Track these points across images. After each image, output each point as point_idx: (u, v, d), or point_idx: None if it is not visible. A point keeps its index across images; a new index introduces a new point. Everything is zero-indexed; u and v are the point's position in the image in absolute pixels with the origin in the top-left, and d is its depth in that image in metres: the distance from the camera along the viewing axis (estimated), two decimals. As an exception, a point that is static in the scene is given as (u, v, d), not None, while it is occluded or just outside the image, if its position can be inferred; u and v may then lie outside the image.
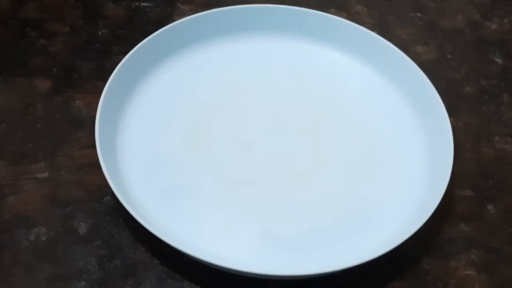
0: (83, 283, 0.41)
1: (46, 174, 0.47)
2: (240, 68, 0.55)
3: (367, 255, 0.40)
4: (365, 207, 0.45)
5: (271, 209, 0.45)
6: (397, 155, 0.49)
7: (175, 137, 0.49)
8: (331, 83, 0.54)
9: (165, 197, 0.45)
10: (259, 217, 0.44)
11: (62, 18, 0.60)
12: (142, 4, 0.62)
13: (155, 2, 0.63)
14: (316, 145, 0.49)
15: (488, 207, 0.47)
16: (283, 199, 0.45)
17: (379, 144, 0.49)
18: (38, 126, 0.51)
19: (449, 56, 0.60)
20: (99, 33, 0.59)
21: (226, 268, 0.39)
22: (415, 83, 0.52)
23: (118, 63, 0.50)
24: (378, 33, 0.55)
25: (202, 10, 0.60)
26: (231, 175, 0.47)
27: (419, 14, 0.64)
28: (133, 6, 0.62)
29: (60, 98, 0.53)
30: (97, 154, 0.43)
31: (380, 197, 0.46)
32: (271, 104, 0.52)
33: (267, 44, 0.56)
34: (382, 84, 0.54)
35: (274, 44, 0.56)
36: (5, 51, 0.57)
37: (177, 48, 0.52)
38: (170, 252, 0.41)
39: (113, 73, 0.49)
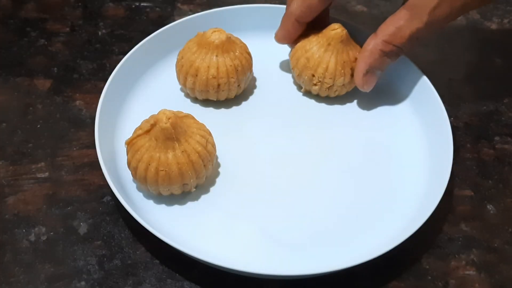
0: (83, 283, 0.41)
1: (46, 174, 0.47)
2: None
3: (367, 254, 0.40)
4: (365, 207, 0.45)
5: (271, 209, 0.45)
6: (397, 155, 0.49)
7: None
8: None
9: (165, 197, 0.45)
10: (258, 217, 0.44)
11: (62, 18, 0.60)
12: (142, 4, 0.63)
13: (155, 2, 0.63)
14: (316, 146, 0.49)
15: (488, 207, 0.47)
16: (283, 200, 0.45)
17: (379, 144, 0.49)
18: (38, 126, 0.51)
19: (449, 56, 0.60)
20: (99, 33, 0.59)
21: (226, 268, 0.39)
22: (415, 83, 0.52)
23: (118, 63, 0.50)
24: (378, 33, 0.55)
25: (202, 10, 0.60)
26: (231, 175, 0.47)
27: (419, 14, 0.64)
28: (133, 6, 0.62)
29: (60, 98, 0.53)
30: (97, 154, 0.43)
31: (380, 197, 0.46)
32: (272, 104, 0.52)
33: (266, 44, 0.56)
34: (381, 84, 0.54)
35: (274, 44, 0.56)
36: (5, 51, 0.57)
37: (177, 48, 0.52)
38: (170, 252, 0.41)
39: (113, 73, 0.49)
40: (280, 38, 0.51)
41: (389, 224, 0.44)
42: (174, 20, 0.58)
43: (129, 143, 0.43)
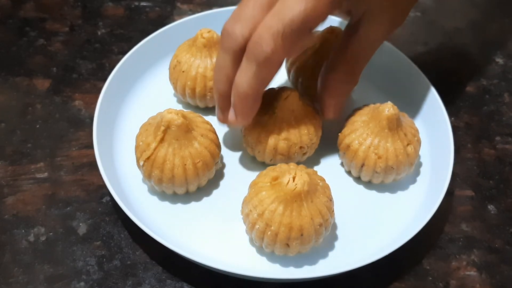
0: (82, 283, 0.41)
1: (46, 174, 0.47)
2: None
3: (368, 257, 0.39)
4: (365, 209, 0.45)
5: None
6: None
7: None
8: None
9: (164, 197, 0.45)
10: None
11: (61, 17, 0.60)
12: (141, 3, 0.62)
13: (155, 2, 0.63)
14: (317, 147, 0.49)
15: (489, 207, 0.47)
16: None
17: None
18: (38, 126, 0.50)
19: (449, 56, 0.60)
20: (99, 32, 0.59)
21: (224, 271, 0.39)
22: (415, 83, 0.52)
23: (118, 63, 0.50)
24: (378, 33, 0.55)
25: (202, 10, 0.60)
26: (229, 176, 0.47)
27: (419, 14, 0.64)
28: (133, 5, 0.62)
29: (59, 98, 0.53)
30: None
31: (381, 199, 0.46)
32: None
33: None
34: (381, 84, 0.54)
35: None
36: (4, 51, 0.56)
37: (176, 48, 0.52)
38: (169, 253, 0.41)
39: (112, 73, 0.49)
40: (243, 121, 0.43)
41: (390, 226, 0.44)
42: (173, 20, 0.58)
43: (148, 159, 0.42)
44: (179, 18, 0.56)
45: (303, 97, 0.45)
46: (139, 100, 0.51)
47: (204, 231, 0.43)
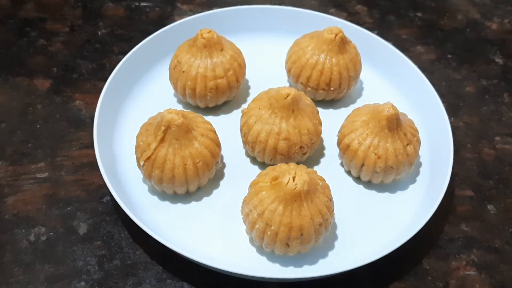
0: (82, 283, 0.41)
1: (46, 174, 0.47)
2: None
3: (368, 257, 0.39)
4: (365, 209, 0.45)
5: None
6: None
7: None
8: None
9: (164, 197, 0.45)
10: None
11: (61, 18, 0.60)
12: (142, 4, 0.62)
13: (155, 2, 0.63)
14: (316, 147, 0.49)
15: (489, 207, 0.47)
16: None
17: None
18: (38, 126, 0.50)
19: (449, 56, 0.60)
20: (99, 33, 0.59)
21: (224, 271, 0.39)
22: (414, 83, 0.52)
23: (118, 63, 0.50)
24: (378, 33, 0.55)
25: (202, 10, 0.60)
26: (229, 176, 0.47)
27: (419, 14, 0.64)
28: (133, 6, 0.62)
29: (59, 98, 0.53)
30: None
31: (380, 198, 0.46)
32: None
33: (266, 44, 0.56)
34: (381, 84, 0.54)
35: (274, 44, 0.56)
36: (4, 51, 0.57)
37: (176, 48, 0.52)
38: (170, 253, 0.41)
39: (112, 73, 0.49)
40: None
41: (390, 226, 0.44)
42: (174, 20, 0.58)
43: (148, 159, 0.42)
44: (179, 18, 0.56)
45: (303, 97, 0.45)
46: (139, 100, 0.51)
47: (204, 231, 0.43)
